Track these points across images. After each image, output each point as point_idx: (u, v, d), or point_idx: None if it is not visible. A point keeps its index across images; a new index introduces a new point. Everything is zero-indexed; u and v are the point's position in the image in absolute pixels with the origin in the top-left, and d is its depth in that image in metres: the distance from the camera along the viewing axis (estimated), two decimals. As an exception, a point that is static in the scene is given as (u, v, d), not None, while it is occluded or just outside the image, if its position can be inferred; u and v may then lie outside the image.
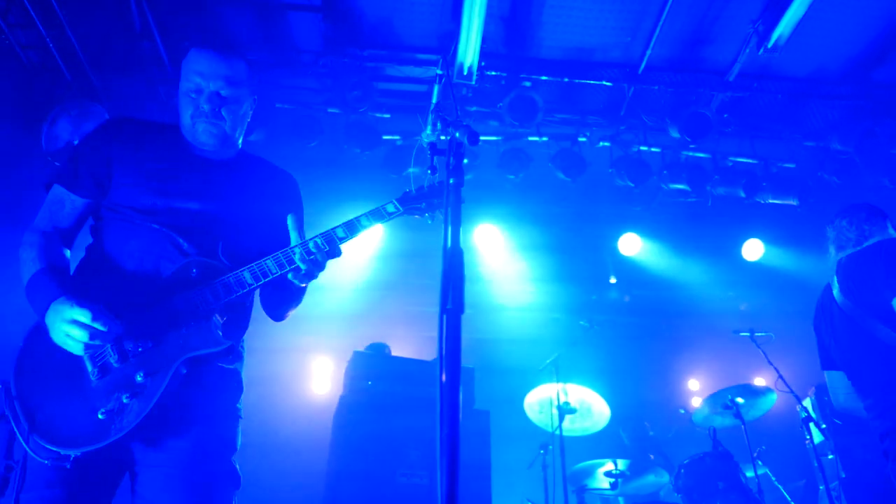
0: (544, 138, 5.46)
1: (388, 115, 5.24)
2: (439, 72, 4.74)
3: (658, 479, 5.13)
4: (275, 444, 5.28)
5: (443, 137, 1.68)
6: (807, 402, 5.09)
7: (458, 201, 1.46)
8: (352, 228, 2.04)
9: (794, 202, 5.62)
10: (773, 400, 4.98)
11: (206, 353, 1.86)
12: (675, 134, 5.20)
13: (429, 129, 5.16)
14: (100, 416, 1.74)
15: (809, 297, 3.41)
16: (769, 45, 4.44)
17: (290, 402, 5.91)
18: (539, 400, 5.49)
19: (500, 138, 5.43)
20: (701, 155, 5.66)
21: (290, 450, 5.29)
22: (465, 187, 1.56)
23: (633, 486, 5.17)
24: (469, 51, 4.45)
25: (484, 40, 4.42)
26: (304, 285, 2.07)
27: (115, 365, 1.80)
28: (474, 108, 5.19)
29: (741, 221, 6.41)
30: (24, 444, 1.70)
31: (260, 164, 2.29)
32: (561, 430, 4.99)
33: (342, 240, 2.01)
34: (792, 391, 4.61)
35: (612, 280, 6.93)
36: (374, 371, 4.29)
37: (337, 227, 2.02)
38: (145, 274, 1.91)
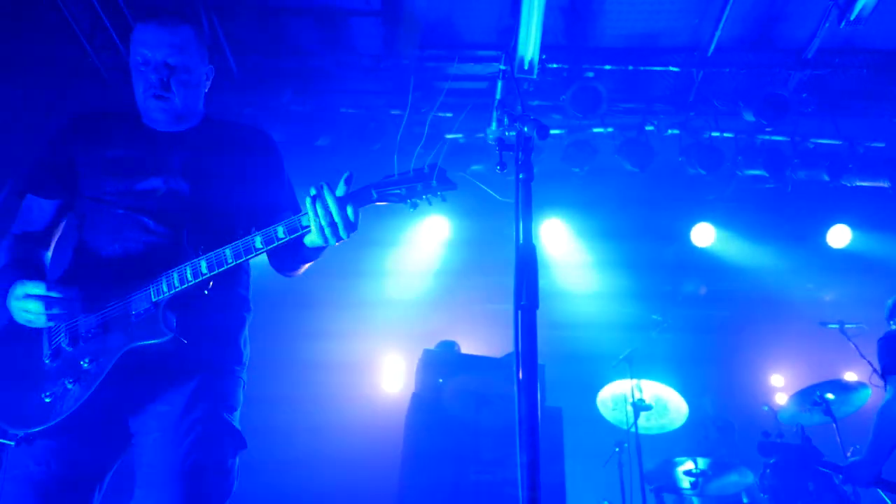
0: (609, 129, 5.33)
1: (450, 115, 5.25)
2: (503, 67, 4.70)
3: (742, 479, 4.91)
4: (349, 440, 5.41)
5: (509, 133, 1.65)
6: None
7: (528, 197, 1.43)
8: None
9: (885, 184, 5.25)
10: (868, 396, 4.67)
11: (148, 345, 1.80)
12: (749, 117, 4.95)
13: (494, 126, 5.12)
14: (45, 400, 1.78)
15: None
16: (852, 18, 4.15)
17: (362, 398, 6.03)
18: (613, 397, 5.36)
19: (563, 131, 5.34)
20: (779, 138, 5.38)
21: (364, 446, 5.39)
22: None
23: (715, 486, 4.97)
24: (529, 44, 4.38)
25: (544, 33, 4.36)
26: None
27: (67, 348, 1.83)
28: (536, 103, 5.12)
29: (825, 207, 6.05)
30: None
31: (225, 127, 2.17)
32: (637, 428, 4.86)
33: (306, 229, 1.84)
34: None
35: (703, 290, 6.74)
36: (444, 368, 4.31)
37: (303, 215, 1.86)
38: (111, 260, 1.90)
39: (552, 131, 5.30)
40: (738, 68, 4.83)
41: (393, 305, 6.44)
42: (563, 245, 6.43)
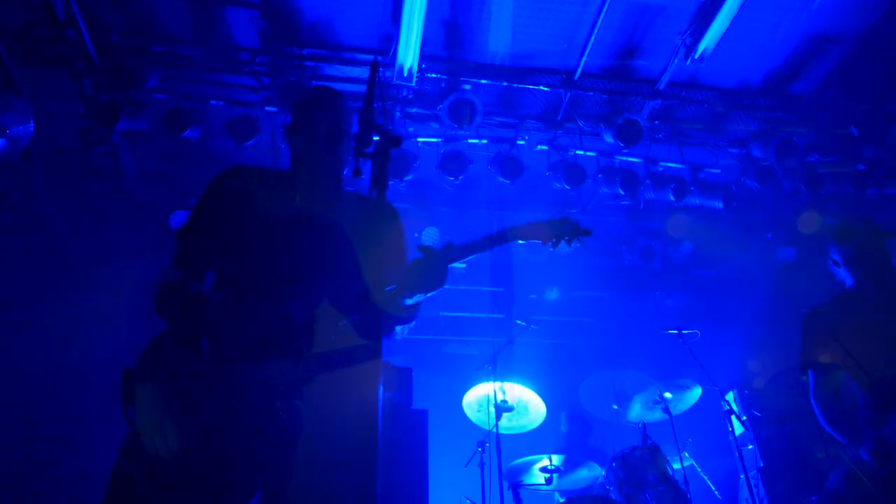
0: (483, 141, 5.53)
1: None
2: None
3: (590, 473, 5.27)
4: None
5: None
6: (729, 396, 5.35)
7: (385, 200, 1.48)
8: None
9: (718, 205, 5.85)
10: (699, 393, 5.24)
11: (279, 417, 1.99)
12: (608, 139, 5.36)
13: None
14: None
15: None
16: (696, 56, 4.65)
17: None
18: (477, 399, 5.54)
19: (440, 140, 5.47)
20: (633, 160, 5.82)
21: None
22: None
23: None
24: (409, 53, 4.48)
25: (425, 44, 4.48)
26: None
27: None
28: (415, 110, 5.24)
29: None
30: None
31: (364, 204, 2.31)
32: (496, 428, 5.06)
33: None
34: (715, 386, 4.84)
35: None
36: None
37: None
38: (249, 325, 2.01)
39: (429, 139, 5.42)
40: (600, 93, 5.23)
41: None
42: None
